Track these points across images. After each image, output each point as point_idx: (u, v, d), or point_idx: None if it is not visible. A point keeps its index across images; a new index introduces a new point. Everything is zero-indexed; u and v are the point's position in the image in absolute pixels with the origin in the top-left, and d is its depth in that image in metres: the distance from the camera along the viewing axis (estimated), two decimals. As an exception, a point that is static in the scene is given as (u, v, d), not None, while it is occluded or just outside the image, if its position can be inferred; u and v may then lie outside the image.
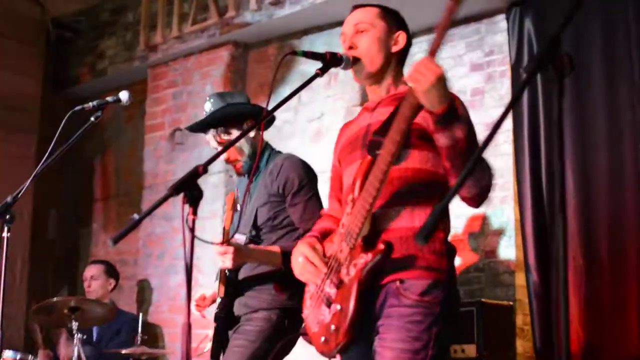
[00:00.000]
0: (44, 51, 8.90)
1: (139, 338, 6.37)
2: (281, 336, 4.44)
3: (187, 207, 2.95)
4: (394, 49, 3.42)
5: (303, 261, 3.28)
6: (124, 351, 6.28)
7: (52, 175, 8.76)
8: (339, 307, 3.07)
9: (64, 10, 9.15)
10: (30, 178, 4.28)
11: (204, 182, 7.50)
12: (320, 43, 7.33)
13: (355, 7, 3.51)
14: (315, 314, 3.23)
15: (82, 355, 5.86)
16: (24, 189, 4.26)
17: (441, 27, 2.92)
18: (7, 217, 4.19)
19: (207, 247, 7.30)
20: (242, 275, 4.47)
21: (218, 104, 4.64)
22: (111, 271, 7.48)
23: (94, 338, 7.11)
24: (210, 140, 4.68)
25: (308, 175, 4.58)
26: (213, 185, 7.52)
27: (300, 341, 4.50)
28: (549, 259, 5.84)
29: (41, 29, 8.95)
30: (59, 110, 9.04)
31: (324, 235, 3.40)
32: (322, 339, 3.17)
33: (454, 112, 2.90)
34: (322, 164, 6.94)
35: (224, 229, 4.23)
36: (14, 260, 8.13)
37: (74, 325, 5.94)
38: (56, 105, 8.92)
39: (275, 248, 4.34)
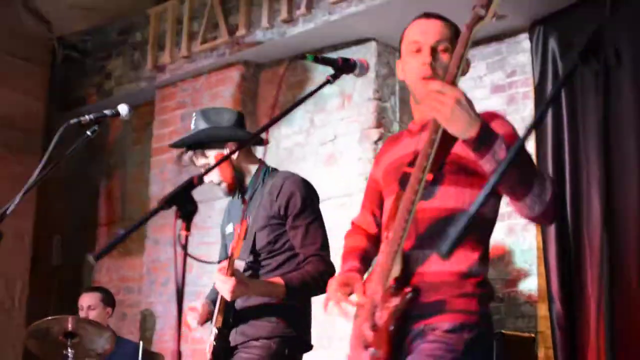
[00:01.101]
0: (49, 71, 8.67)
1: (138, 367, 6.07)
2: None
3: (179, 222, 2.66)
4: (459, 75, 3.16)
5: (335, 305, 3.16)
6: (123, 380, 5.98)
7: (57, 200, 8.58)
8: (374, 351, 2.97)
9: (70, 29, 8.91)
10: (21, 193, 3.99)
11: (211, 207, 7.30)
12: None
13: (428, 15, 3.24)
14: (356, 355, 3.11)
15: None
16: (12, 205, 3.94)
17: (457, 54, 2.80)
18: (-2, 233, 3.85)
19: (213, 275, 7.08)
20: (239, 304, 4.16)
21: (200, 124, 4.35)
22: (108, 299, 7.13)
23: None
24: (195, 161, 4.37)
25: (311, 195, 4.25)
26: (220, 210, 7.19)
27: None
28: (573, 288, 5.55)
29: (47, 48, 8.73)
30: (65, 131, 8.84)
31: (363, 257, 3.32)
32: None
33: (488, 132, 2.70)
34: (335, 189, 6.71)
35: (231, 256, 3.89)
36: (13, 285, 7.89)
37: (70, 353, 5.65)
38: (61, 126, 8.67)
39: (278, 280, 4.02)
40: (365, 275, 3.26)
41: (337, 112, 6.97)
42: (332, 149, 6.95)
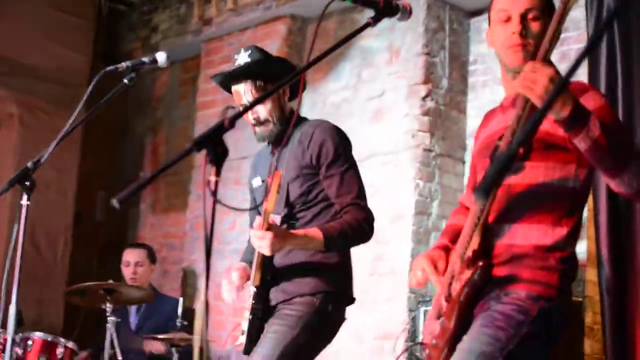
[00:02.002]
0: (94, 24, 8.55)
1: (178, 323, 5.97)
2: (325, 323, 4.03)
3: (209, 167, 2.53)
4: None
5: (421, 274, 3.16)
6: (160, 336, 5.90)
7: (102, 155, 8.52)
8: (444, 321, 2.99)
9: (117, -19, 8.81)
10: (56, 140, 3.92)
11: (238, 165, 7.18)
12: (385, 18, 6.86)
13: None
14: (430, 324, 3.12)
15: (115, 340, 5.49)
16: (47, 154, 3.84)
17: (551, 30, 2.74)
18: (27, 184, 3.75)
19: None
20: (278, 261, 4.03)
21: (258, 56, 4.16)
22: (152, 256, 7.11)
23: (134, 325, 6.75)
24: (240, 94, 4.16)
25: (343, 143, 4.08)
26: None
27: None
28: (624, 252, 5.35)
29: (92, 1, 8.59)
30: (108, 85, 8.76)
31: (455, 236, 3.22)
32: (427, 351, 3.12)
33: (582, 111, 2.65)
34: (382, 146, 6.57)
35: (265, 210, 3.73)
36: (56, 240, 7.82)
37: (108, 307, 5.59)
38: (107, 81, 8.60)
39: (316, 231, 3.87)
40: None
41: (384, 67, 6.80)
42: (379, 104, 6.79)
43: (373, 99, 6.84)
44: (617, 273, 5.35)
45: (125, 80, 4.08)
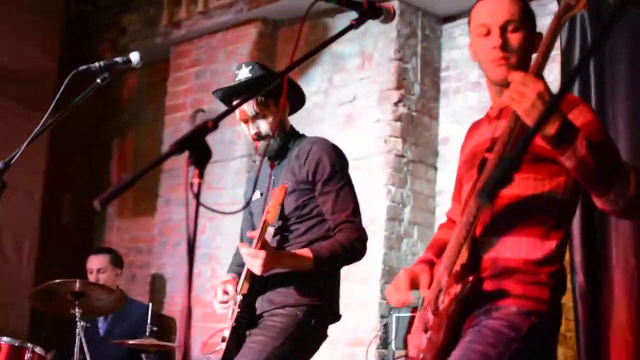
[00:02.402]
0: (62, 25, 8.45)
1: (148, 329, 5.91)
2: (307, 336, 4.03)
3: (192, 169, 2.49)
4: (534, 51, 3.05)
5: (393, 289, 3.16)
6: (130, 342, 5.82)
7: (69, 158, 8.42)
8: (432, 335, 2.94)
9: (85, -17, 8.72)
10: (25, 143, 3.83)
11: (225, 167, 7.14)
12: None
13: None
14: (416, 337, 3.08)
15: (84, 346, 5.40)
16: (17, 155, 3.77)
17: (543, 44, 2.69)
18: (-1, 184, 3.68)
19: (227, 236, 6.92)
20: None
21: (259, 71, 4.13)
22: (116, 260, 7.01)
23: (102, 331, 6.67)
24: (241, 109, 4.08)
25: (340, 160, 4.12)
26: (235, 170, 7.09)
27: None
28: (597, 260, 5.35)
29: (61, 2, 8.50)
30: (76, 88, 8.65)
31: (441, 251, 3.18)
32: None
33: (569, 128, 2.61)
34: (354, 151, 6.49)
35: (265, 221, 3.74)
36: (21, 243, 7.72)
37: (77, 312, 5.50)
38: (74, 82, 8.51)
39: (307, 252, 3.88)
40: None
41: (356, 72, 6.78)
42: (350, 110, 6.76)
43: (344, 104, 6.81)
44: (590, 280, 5.35)
45: (98, 81, 4.01)
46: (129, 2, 8.50)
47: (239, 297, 4.03)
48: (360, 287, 6.19)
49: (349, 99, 6.79)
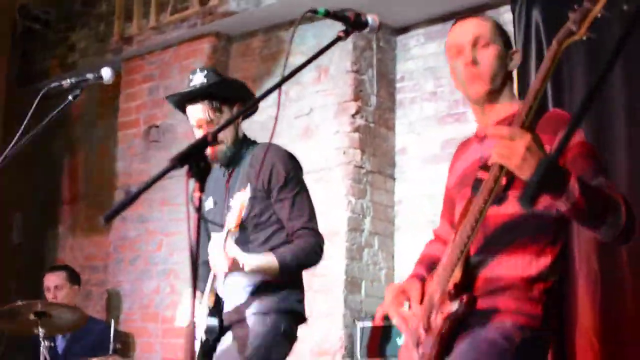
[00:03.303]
0: (9, 43, 8.35)
1: (111, 346, 5.86)
2: (279, 342, 4.03)
3: (192, 182, 2.49)
4: (511, 66, 3.08)
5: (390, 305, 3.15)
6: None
7: (18, 176, 8.29)
8: (423, 353, 2.95)
9: (32, -1, 8.61)
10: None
11: (182, 183, 7.07)
12: (311, 35, 6.87)
13: (461, 19, 3.17)
14: (407, 352, 3.07)
15: (49, 365, 5.35)
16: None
17: (543, 69, 2.67)
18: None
19: (185, 252, 6.86)
20: (230, 281, 4.03)
21: (214, 77, 4.13)
22: (74, 277, 6.92)
23: (60, 349, 6.58)
24: (195, 115, 4.13)
25: (294, 166, 4.14)
26: (192, 185, 7.02)
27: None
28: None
29: (7, 19, 8.40)
30: (25, 106, 8.54)
31: (431, 266, 3.22)
32: None
33: (560, 175, 2.61)
34: (313, 163, 6.52)
35: (229, 231, 3.75)
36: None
37: (40, 332, 5.44)
38: (23, 101, 8.40)
39: (271, 256, 3.90)
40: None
41: (313, 85, 6.79)
42: (307, 122, 6.78)
43: (301, 117, 6.82)
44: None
45: (70, 98, 3.99)
46: (77, 19, 8.40)
47: (206, 309, 4.02)
48: (323, 297, 6.20)
49: (305, 111, 6.80)
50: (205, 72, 4.17)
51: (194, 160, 2.48)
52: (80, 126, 8.60)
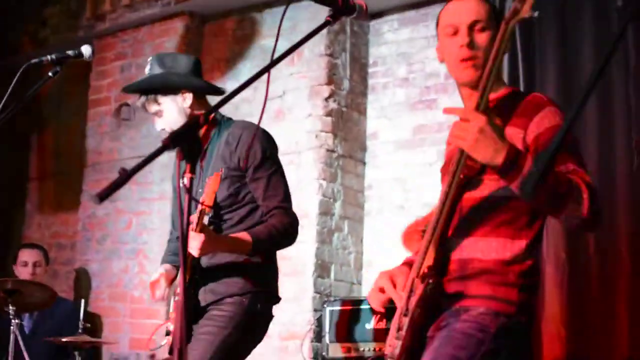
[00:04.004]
0: (-20, 17, 8.27)
1: (80, 326, 5.85)
2: (256, 322, 4.08)
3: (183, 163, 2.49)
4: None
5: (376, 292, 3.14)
6: (64, 339, 5.76)
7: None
8: (399, 335, 2.95)
9: (2, -27, 8.52)
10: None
11: (152, 162, 7.06)
12: (285, 17, 6.85)
13: None
14: (390, 337, 3.05)
15: (20, 342, 5.32)
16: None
17: (493, 52, 2.73)
18: None
19: (155, 232, 6.87)
20: (205, 262, 4.04)
21: (154, 69, 4.18)
22: (47, 256, 6.99)
23: (27, 328, 6.55)
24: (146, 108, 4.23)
25: (271, 146, 4.16)
26: (162, 165, 7.00)
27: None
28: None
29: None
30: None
31: None
32: None
33: (516, 158, 2.62)
34: (285, 146, 6.49)
35: (202, 210, 3.73)
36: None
37: (11, 310, 5.42)
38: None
39: (245, 235, 3.90)
40: None
41: (286, 67, 6.78)
42: (280, 104, 6.78)
43: (274, 99, 6.81)
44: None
45: (50, 74, 3.98)
46: (50, -6, 8.33)
47: (179, 288, 4.03)
48: (292, 280, 6.21)
49: (278, 94, 6.80)
50: (150, 64, 4.25)
51: (186, 142, 2.47)
52: (48, 102, 8.52)
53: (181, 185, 4.08)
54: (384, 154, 6.80)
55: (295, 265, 6.22)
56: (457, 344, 2.81)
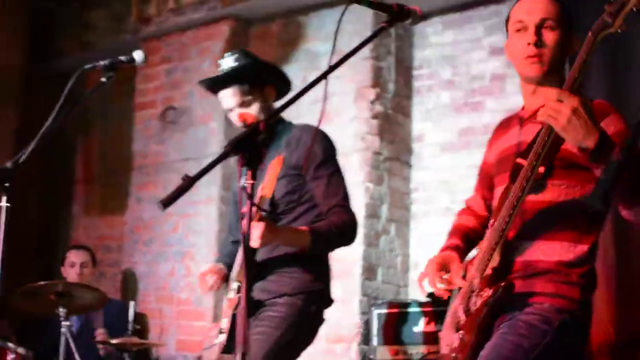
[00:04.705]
0: (26, 21, 8.32)
1: (130, 327, 5.90)
2: (308, 324, 4.08)
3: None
4: (569, 52, 3.09)
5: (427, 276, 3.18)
6: (113, 341, 5.79)
7: (33, 155, 8.28)
8: (462, 336, 2.99)
9: (49, -22, 8.59)
10: (34, 141, 3.80)
11: (199, 165, 7.11)
12: (330, 21, 6.90)
13: None
14: (448, 335, 3.11)
15: (72, 344, 5.35)
16: (25, 156, 3.76)
17: (579, 59, 2.73)
18: (7, 184, 3.66)
19: (201, 234, 6.90)
20: (260, 257, 4.01)
21: (244, 60, 4.15)
22: (95, 259, 7.03)
23: (75, 329, 6.59)
24: (226, 99, 4.17)
25: (331, 147, 4.19)
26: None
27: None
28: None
29: (24, -2, 8.39)
30: (40, 84, 8.55)
31: (464, 236, 3.34)
32: None
33: (606, 143, 2.63)
34: (330, 148, 6.57)
35: (262, 197, 3.72)
36: (-12, 241, 7.56)
37: (61, 312, 5.46)
38: (38, 79, 8.41)
39: (304, 228, 3.89)
40: (468, 258, 3.23)
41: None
42: (326, 107, 6.76)
43: (319, 102, 6.79)
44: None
45: (103, 79, 4.02)
46: (93, -2, 8.39)
47: (237, 284, 4.03)
48: (340, 283, 6.19)
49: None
50: (236, 55, 4.18)
51: (247, 148, 2.49)
52: (94, 105, 8.57)
53: (240, 189, 4.12)
54: (430, 156, 6.79)
55: (342, 268, 6.22)
56: (521, 332, 2.86)
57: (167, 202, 2.35)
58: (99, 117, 8.52)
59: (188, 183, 2.39)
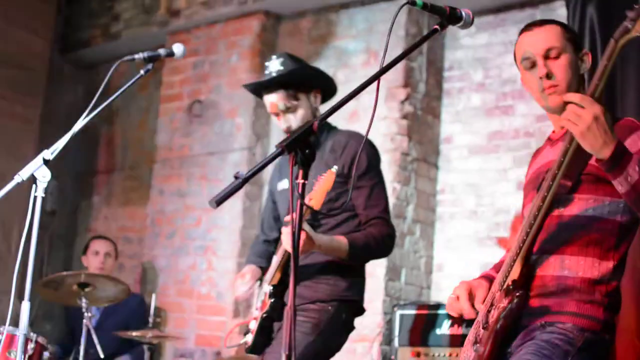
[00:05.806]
0: (54, 9, 8.30)
1: (151, 320, 5.87)
2: (339, 331, 4.07)
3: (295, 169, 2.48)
4: (583, 69, 3.11)
5: (453, 300, 3.15)
6: (134, 333, 5.76)
7: (55, 144, 8.26)
8: (478, 348, 2.97)
9: (77, -33, 8.58)
10: (72, 131, 3.78)
11: (223, 160, 7.09)
12: (361, 19, 6.87)
13: (530, 26, 3.17)
14: (466, 349, 3.08)
15: (93, 335, 5.31)
16: (61, 145, 3.74)
17: (601, 66, 2.74)
18: (47, 179, 3.65)
19: (224, 229, 6.86)
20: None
21: (290, 65, 4.11)
22: (117, 250, 6.99)
23: (95, 320, 6.56)
24: (271, 103, 4.14)
25: (375, 156, 4.17)
26: (233, 163, 7.03)
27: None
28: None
29: (53, -14, 8.36)
30: (66, 73, 8.53)
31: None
32: None
33: (622, 154, 2.68)
34: (358, 147, 6.54)
35: (311, 207, 3.69)
36: (10, 230, 7.56)
37: (84, 302, 5.42)
38: (64, 68, 8.40)
39: (342, 238, 3.88)
40: None
41: (361, 68, 6.78)
42: (355, 106, 6.73)
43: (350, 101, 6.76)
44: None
45: (142, 72, 4.01)
46: (122, -11, 8.36)
47: (269, 288, 4.01)
48: (364, 283, 6.19)
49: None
50: (282, 58, 4.16)
51: (300, 148, 2.46)
52: (119, 97, 8.55)
53: (288, 187, 4.08)
54: (458, 158, 6.75)
55: (367, 268, 6.19)
56: (544, 352, 2.82)
57: (220, 200, 2.31)
58: (124, 107, 8.49)
59: (241, 182, 2.34)
